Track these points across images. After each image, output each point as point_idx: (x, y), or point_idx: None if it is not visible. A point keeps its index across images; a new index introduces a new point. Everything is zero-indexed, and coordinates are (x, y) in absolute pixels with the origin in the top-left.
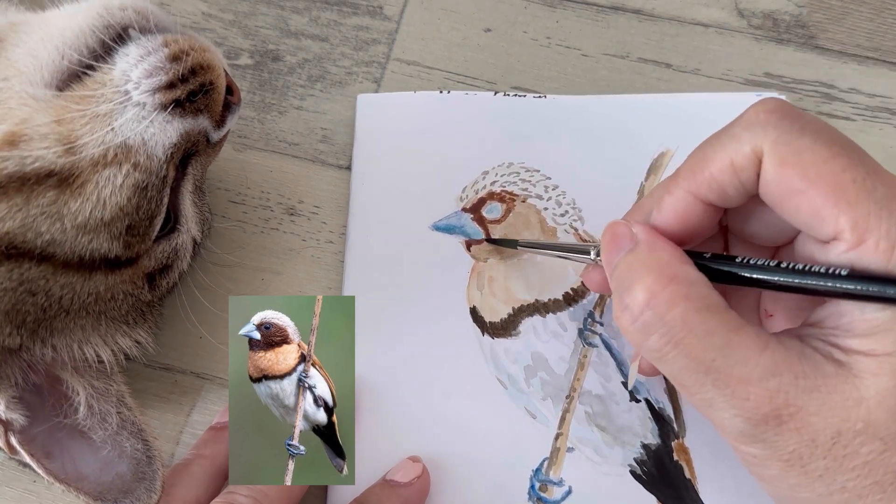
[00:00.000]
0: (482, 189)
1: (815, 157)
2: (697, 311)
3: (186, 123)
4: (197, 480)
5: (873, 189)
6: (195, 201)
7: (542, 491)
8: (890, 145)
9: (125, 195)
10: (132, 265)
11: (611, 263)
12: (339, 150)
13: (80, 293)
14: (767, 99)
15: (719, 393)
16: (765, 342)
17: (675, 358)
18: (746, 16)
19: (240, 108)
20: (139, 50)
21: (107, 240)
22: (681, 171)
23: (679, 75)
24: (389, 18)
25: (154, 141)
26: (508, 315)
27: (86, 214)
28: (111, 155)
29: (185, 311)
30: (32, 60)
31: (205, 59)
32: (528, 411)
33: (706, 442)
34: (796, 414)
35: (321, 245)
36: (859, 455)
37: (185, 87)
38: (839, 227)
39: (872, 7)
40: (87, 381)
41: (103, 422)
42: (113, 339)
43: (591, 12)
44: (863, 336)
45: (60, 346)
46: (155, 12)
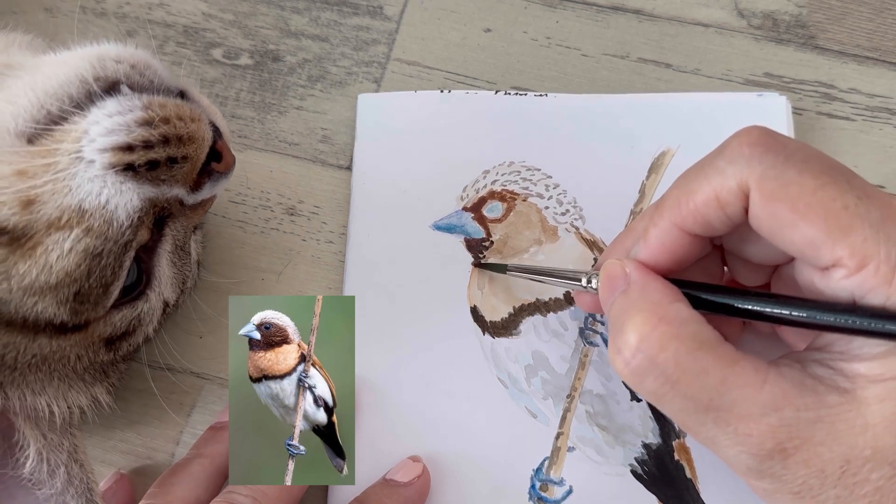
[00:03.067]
0: (483, 188)
1: (802, 189)
2: (689, 351)
3: (145, 189)
4: (197, 480)
5: (867, 213)
6: (174, 261)
7: (542, 490)
8: (890, 145)
9: (73, 261)
10: (81, 331)
11: (606, 305)
12: (340, 150)
13: (23, 353)
14: (751, 129)
15: (721, 431)
16: (763, 376)
17: (672, 399)
18: (746, 16)
19: (228, 177)
20: (115, 106)
21: (52, 304)
22: (665, 202)
23: (679, 75)
24: (389, 18)
25: (112, 204)
26: (509, 314)
27: (32, 277)
28: (65, 218)
29: (186, 311)
30: (9, 107)
31: (188, 130)
32: (529, 411)
33: None
34: (801, 446)
35: (321, 245)
36: (870, 482)
37: (146, 155)
38: (836, 255)
39: (872, 7)
40: (41, 431)
41: (51, 477)
42: (66, 395)
43: (591, 12)
44: (870, 360)
45: (11, 395)
46: (154, 68)
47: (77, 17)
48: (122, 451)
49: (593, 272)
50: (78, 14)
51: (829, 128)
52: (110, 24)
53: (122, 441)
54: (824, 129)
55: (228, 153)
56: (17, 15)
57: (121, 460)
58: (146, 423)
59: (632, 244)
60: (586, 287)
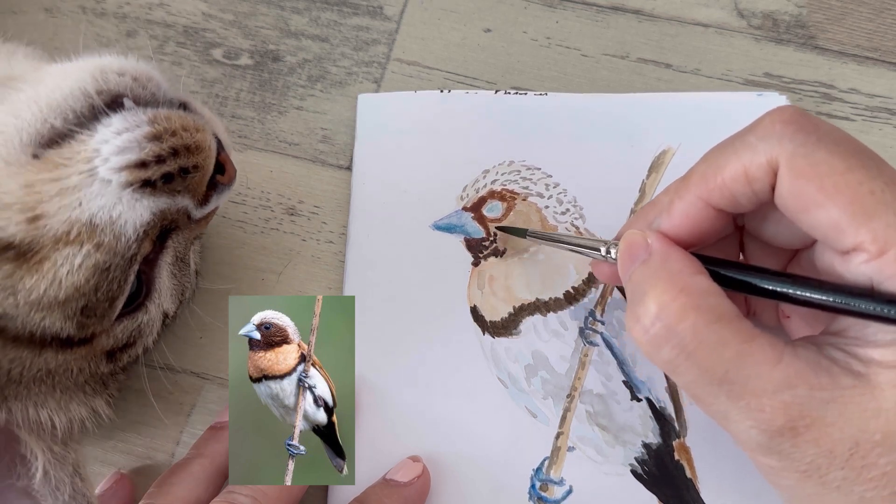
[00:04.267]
0: (483, 188)
1: (831, 169)
2: (708, 323)
3: (160, 203)
4: (197, 480)
5: (893, 200)
6: (174, 273)
7: (542, 490)
8: (890, 145)
9: (83, 276)
10: (86, 345)
11: (626, 274)
12: (340, 150)
13: (29, 367)
14: (784, 108)
15: (734, 405)
16: (779, 353)
17: (687, 370)
18: (746, 16)
19: (231, 188)
20: (122, 123)
21: (60, 319)
22: (692, 175)
23: (679, 75)
24: (389, 18)
25: (123, 219)
26: (509, 314)
27: (39, 292)
28: (74, 233)
29: (186, 311)
30: (14, 121)
31: (194, 140)
32: (529, 410)
33: (707, 441)
34: (812, 425)
35: (321, 245)
36: (878, 466)
37: (160, 169)
38: (858, 238)
39: (872, 7)
40: (46, 444)
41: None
42: (67, 407)
43: (591, 12)
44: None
45: (15, 409)
46: (156, 80)
47: (77, 17)
48: (122, 451)
49: (613, 242)
50: (78, 14)
51: None
52: (110, 24)
53: (122, 441)
54: None
55: (231, 165)
56: (17, 15)
57: (121, 460)
58: (146, 423)
59: (654, 217)
60: (605, 257)
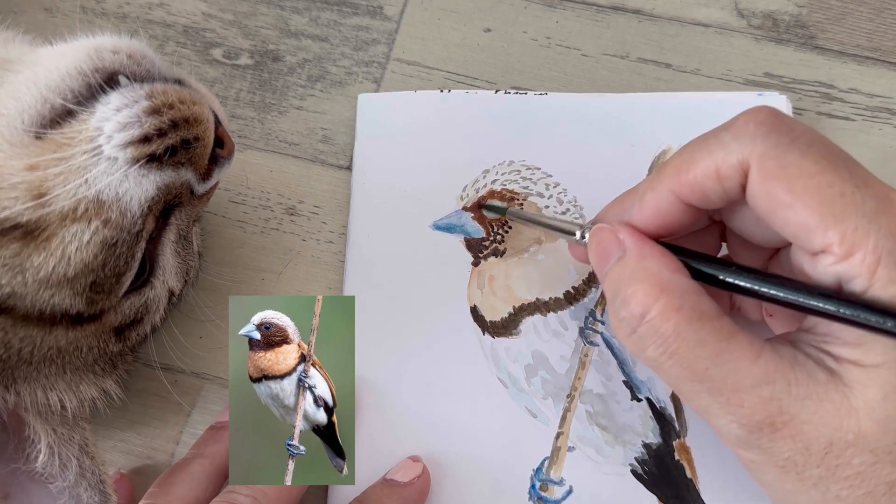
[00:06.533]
0: (483, 188)
1: (801, 171)
2: (689, 322)
3: (165, 176)
4: (197, 480)
5: (862, 203)
6: (178, 251)
7: (542, 490)
8: (890, 145)
9: (91, 252)
10: (95, 321)
11: (601, 272)
12: (340, 150)
13: (40, 346)
14: (760, 108)
15: (714, 400)
16: (758, 350)
17: (670, 368)
18: (746, 16)
19: (230, 162)
20: (120, 100)
21: (69, 296)
22: (666, 168)
23: (679, 75)
24: (389, 18)
25: (129, 196)
26: (509, 314)
27: (48, 269)
28: (81, 209)
29: (186, 311)
30: (14, 103)
31: (192, 112)
32: (529, 410)
33: (707, 441)
34: (790, 422)
35: (321, 245)
36: (851, 466)
37: (163, 142)
38: (827, 240)
39: (872, 7)
40: (51, 426)
41: (63, 470)
42: (77, 388)
43: (591, 12)
44: (851, 345)
45: (24, 392)
46: (150, 57)
47: (77, 17)
48: (122, 451)
49: (588, 225)
50: (78, 14)
51: (829, 128)
52: (110, 25)
53: (122, 441)
54: (824, 129)
55: (229, 139)
56: (16, 14)
57: (121, 460)
58: (146, 423)
59: (630, 205)
60: (580, 241)
